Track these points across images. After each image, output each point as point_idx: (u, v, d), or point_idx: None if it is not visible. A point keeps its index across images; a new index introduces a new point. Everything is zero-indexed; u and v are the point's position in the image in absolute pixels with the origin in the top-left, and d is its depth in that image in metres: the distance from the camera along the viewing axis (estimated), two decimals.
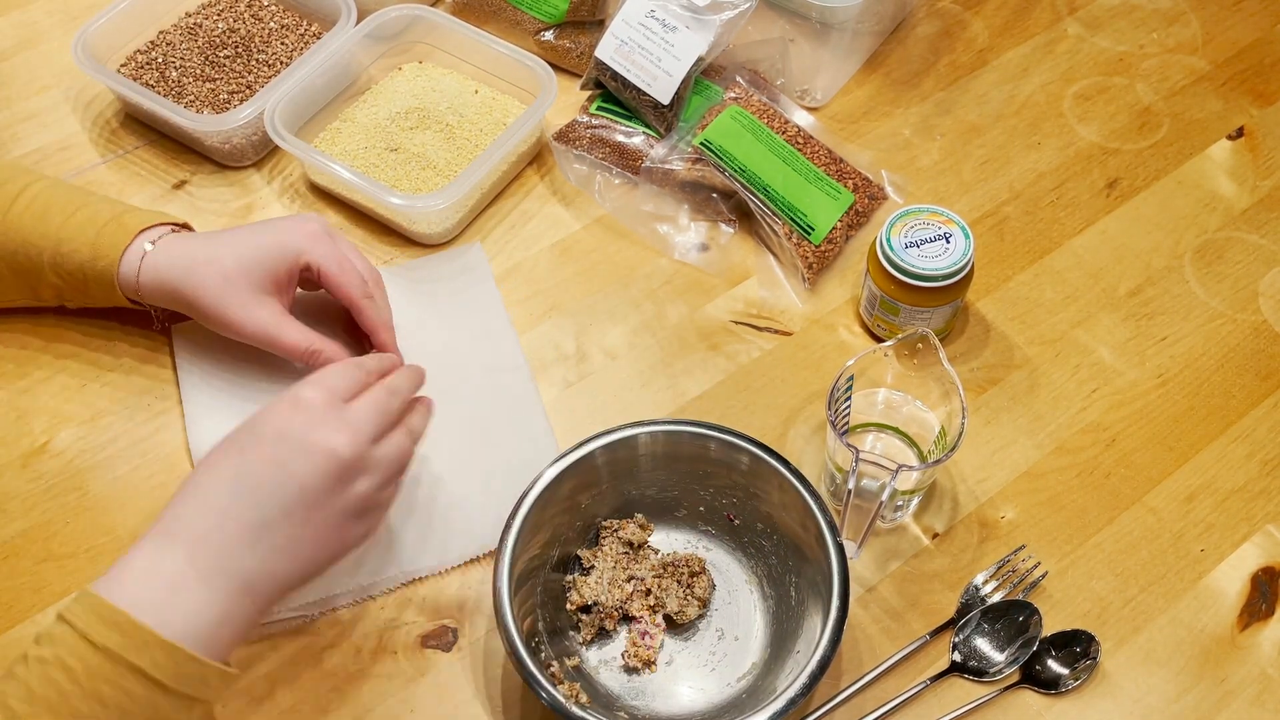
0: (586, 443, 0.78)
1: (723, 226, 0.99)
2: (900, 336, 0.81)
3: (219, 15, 1.08)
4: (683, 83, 0.98)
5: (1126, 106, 1.09)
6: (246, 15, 1.08)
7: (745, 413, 0.90)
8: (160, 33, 1.07)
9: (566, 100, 1.07)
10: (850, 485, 0.77)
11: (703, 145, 0.97)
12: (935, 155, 1.05)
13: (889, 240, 0.87)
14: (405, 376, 0.76)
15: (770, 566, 0.81)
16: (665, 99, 0.98)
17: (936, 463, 0.77)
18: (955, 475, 0.87)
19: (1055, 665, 0.78)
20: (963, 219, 0.88)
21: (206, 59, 1.05)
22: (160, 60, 1.05)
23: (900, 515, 0.84)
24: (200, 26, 1.07)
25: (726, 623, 0.80)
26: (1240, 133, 1.07)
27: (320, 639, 0.79)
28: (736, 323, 0.95)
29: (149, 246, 0.83)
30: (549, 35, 1.08)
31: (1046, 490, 0.86)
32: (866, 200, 0.99)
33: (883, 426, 0.86)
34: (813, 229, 0.96)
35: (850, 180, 0.99)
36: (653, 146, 0.99)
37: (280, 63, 1.05)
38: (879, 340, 0.93)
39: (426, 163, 1.00)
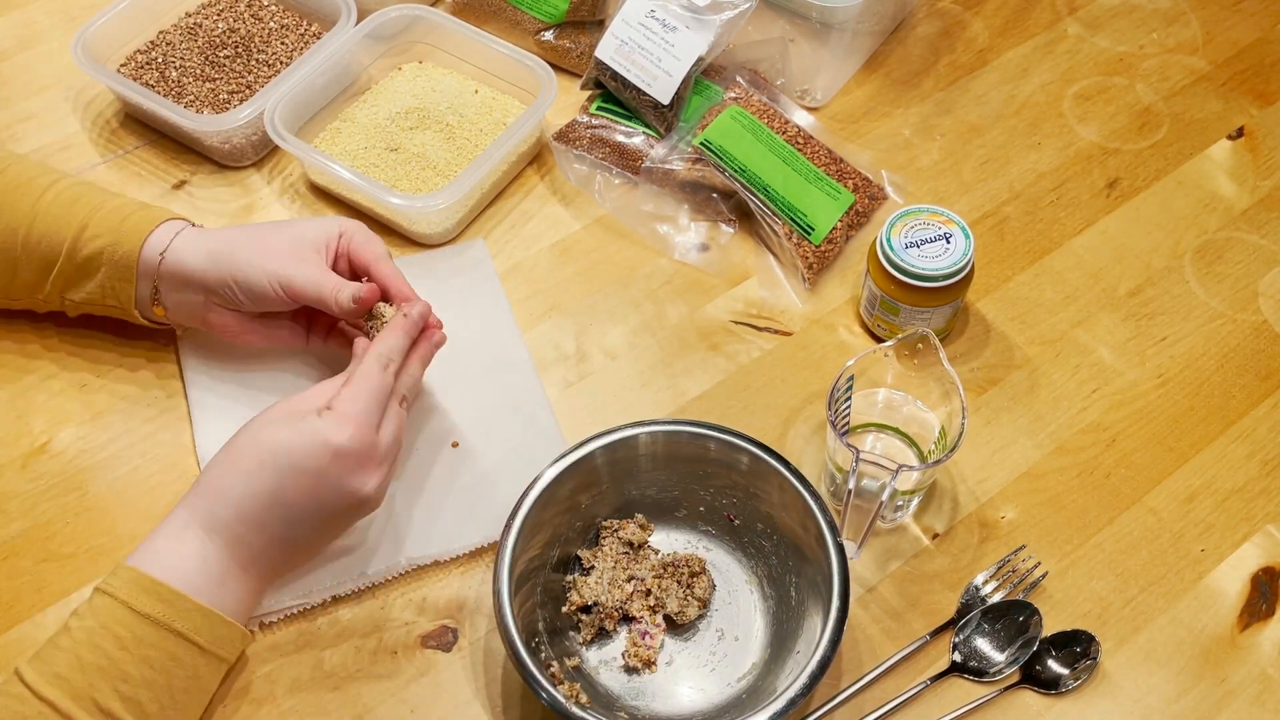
0: (586, 443, 0.78)
1: (723, 226, 0.99)
2: (900, 336, 0.81)
3: (219, 15, 1.08)
4: (683, 83, 0.98)
5: (1126, 106, 1.09)
6: (246, 15, 1.08)
7: (745, 413, 0.90)
8: (160, 33, 1.07)
9: (566, 100, 1.07)
10: (850, 485, 0.77)
11: (703, 145, 0.97)
12: (935, 155, 1.05)
13: (889, 240, 0.87)
14: (416, 375, 0.80)
15: (770, 566, 0.81)
16: (665, 99, 0.98)
17: (936, 463, 0.77)
18: (955, 475, 0.87)
19: (1055, 665, 0.78)
20: (963, 219, 0.88)
21: (206, 59, 1.05)
22: (160, 60, 1.05)
23: (900, 515, 0.84)
24: (200, 26, 1.07)
25: (726, 623, 0.80)
26: (1240, 133, 1.07)
27: (320, 639, 0.79)
28: (736, 323, 0.95)
29: (178, 233, 0.83)
30: (549, 35, 1.08)
31: (1046, 490, 0.86)
32: (866, 200, 0.99)
33: (883, 426, 0.86)
34: (813, 229, 0.96)
35: (850, 180, 0.99)
36: (653, 146, 0.99)
37: (280, 63, 1.05)
38: (879, 340, 0.93)
39: (426, 163, 1.00)
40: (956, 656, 0.79)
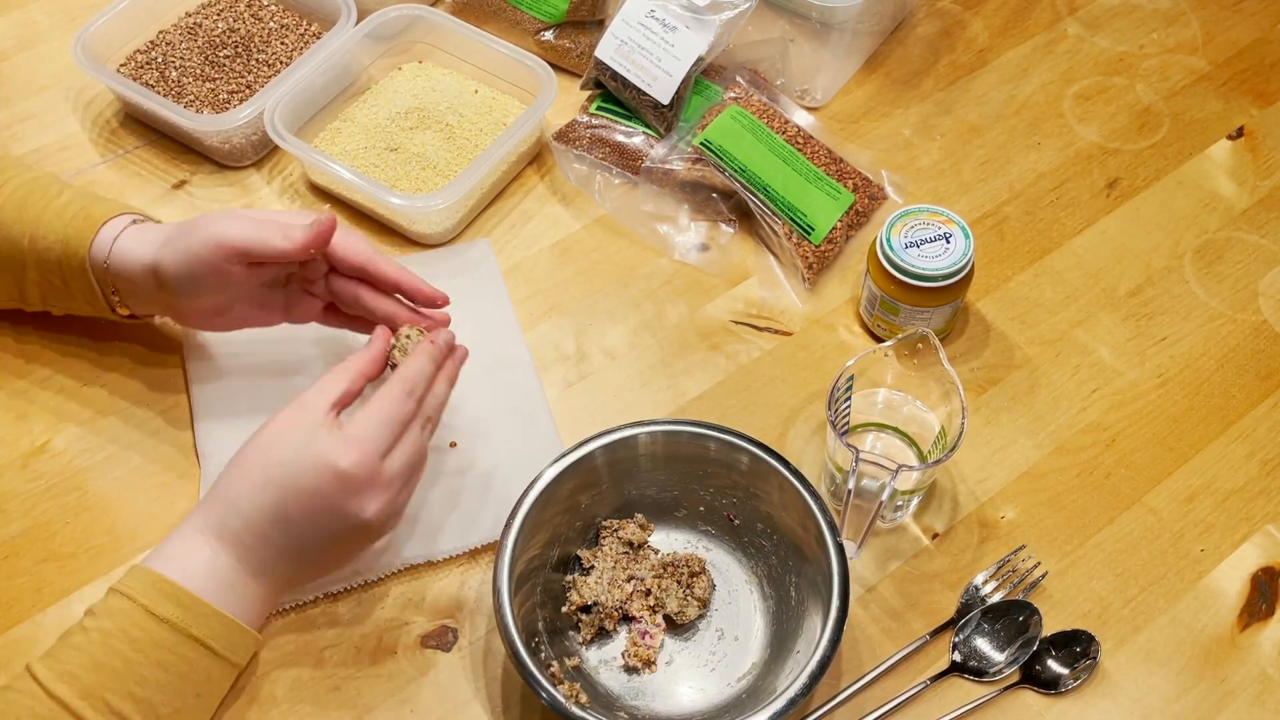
0: (586, 443, 0.78)
1: (723, 226, 0.99)
2: (900, 336, 0.81)
3: (219, 15, 1.08)
4: (683, 83, 0.98)
5: (1126, 106, 1.09)
6: (246, 15, 1.08)
7: (745, 413, 0.90)
8: (160, 33, 1.07)
9: (566, 100, 1.07)
10: (850, 485, 0.77)
11: (703, 145, 0.97)
12: (935, 155, 1.05)
13: (889, 240, 0.87)
14: (442, 396, 0.77)
15: (770, 566, 0.81)
16: (665, 99, 0.98)
17: (936, 463, 0.77)
18: (955, 475, 0.87)
19: (1055, 665, 0.78)
20: (963, 219, 0.88)
21: (206, 59, 1.05)
22: (160, 60, 1.05)
23: (900, 515, 0.84)
24: (200, 26, 1.07)
25: (726, 623, 0.80)
26: (1240, 133, 1.07)
27: (320, 639, 0.79)
28: (736, 323, 0.95)
29: (121, 229, 0.81)
30: (549, 35, 1.08)
31: (1046, 490, 0.86)
32: (866, 200, 0.99)
33: (883, 426, 0.86)
34: (813, 229, 0.96)
35: (850, 180, 0.99)
36: (653, 146, 0.99)
37: (280, 63, 1.05)
38: (879, 340, 0.93)
39: (426, 163, 1.00)
40: (956, 656, 0.79)
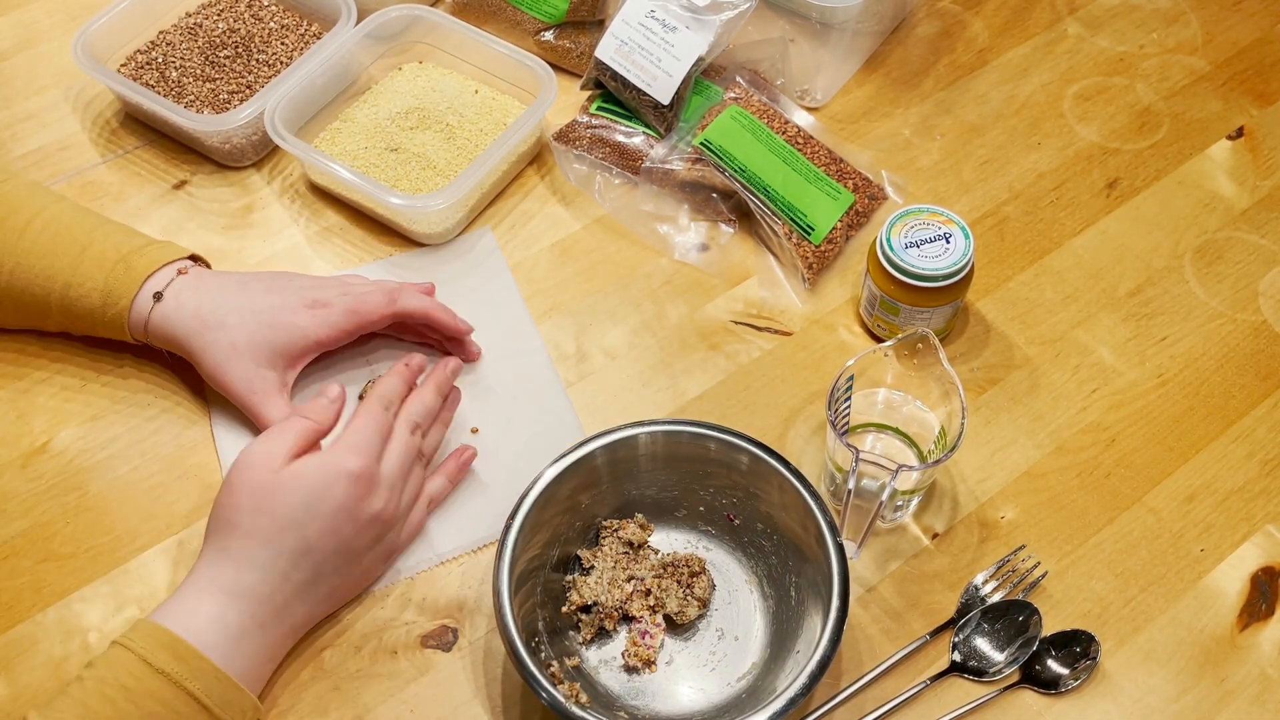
0: (586, 443, 0.78)
1: (723, 226, 0.99)
2: (900, 336, 0.81)
3: (219, 15, 1.08)
4: (683, 83, 0.98)
5: (1126, 106, 1.09)
6: (246, 15, 1.08)
7: (745, 413, 0.90)
8: (160, 33, 1.07)
9: (566, 100, 1.07)
10: (850, 485, 0.77)
11: (703, 145, 0.97)
12: (935, 155, 1.05)
13: (889, 240, 0.87)
14: (432, 421, 0.83)
15: (770, 566, 0.81)
16: (665, 99, 0.98)
17: (936, 463, 0.77)
18: (955, 475, 0.87)
19: (1055, 665, 0.78)
20: (963, 219, 0.88)
21: (206, 59, 1.05)
22: (160, 60, 1.05)
23: (900, 515, 0.84)
24: (200, 26, 1.07)
25: (726, 623, 0.80)
26: (1240, 133, 1.07)
27: (320, 639, 0.79)
28: (736, 323, 0.95)
29: (159, 295, 0.84)
30: (549, 35, 1.08)
31: (1046, 490, 0.86)
32: (866, 200, 0.99)
33: (883, 426, 0.86)
34: (813, 229, 0.96)
35: (850, 180, 0.99)
36: (653, 146, 0.99)
37: (280, 63, 1.05)
38: (879, 340, 0.93)
39: (426, 163, 1.00)
40: (956, 656, 0.79)
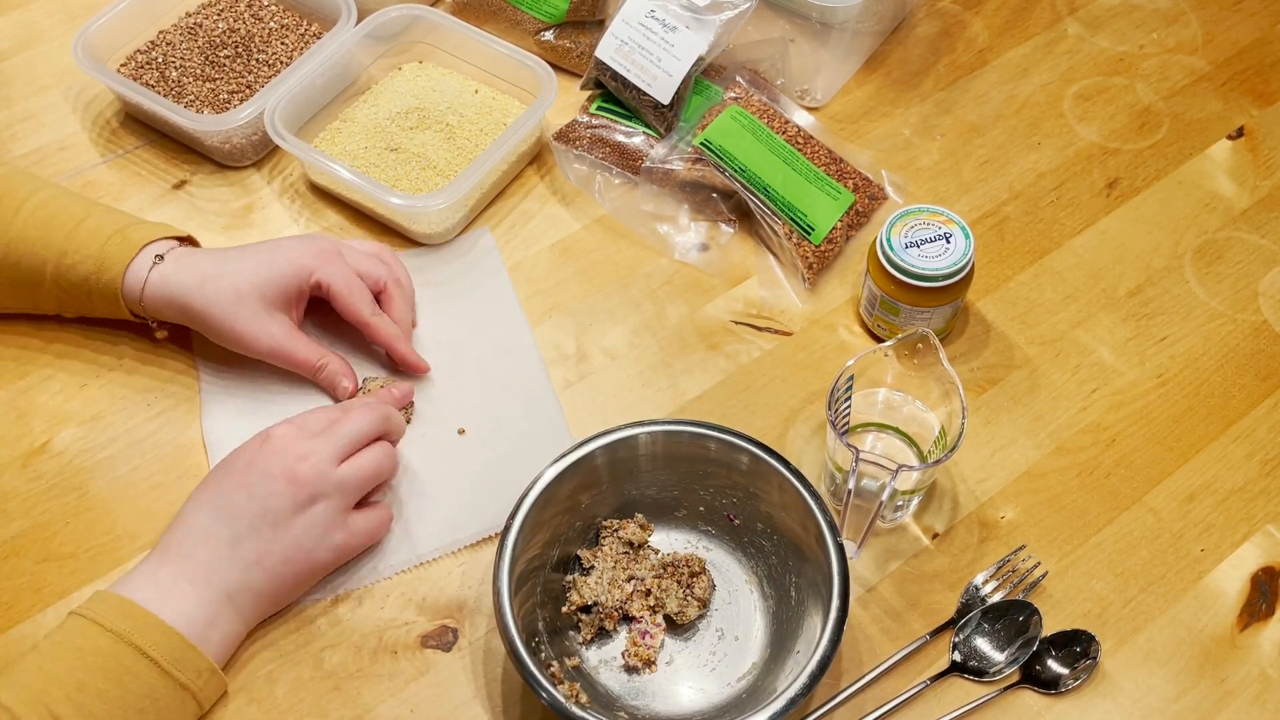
0: (586, 443, 0.78)
1: (723, 226, 0.99)
2: (900, 336, 0.81)
3: (219, 15, 1.08)
4: (683, 83, 0.98)
5: (1126, 106, 1.09)
6: (246, 15, 1.08)
7: (745, 413, 0.90)
8: (160, 33, 1.07)
9: (566, 100, 1.07)
10: (850, 485, 0.77)
11: (703, 145, 0.97)
12: (935, 155, 1.05)
13: (889, 240, 0.87)
14: (373, 408, 0.81)
15: (770, 566, 0.81)
16: (665, 99, 0.98)
17: (936, 463, 0.77)
18: (955, 475, 0.87)
19: (1055, 665, 0.78)
20: (963, 219, 0.88)
21: (206, 59, 1.05)
22: (160, 60, 1.05)
23: (900, 515, 0.84)
24: (200, 26, 1.07)
25: (726, 623, 0.80)
26: (1240, 133, 1.07)
27: (320, 639, 0.79)
28: (736, 323, 0.95)
29: (156, 260, 0.84)
30: (549, 35, 1.08)
31: (1046, 490, 0.86)
32: (866, 200, 0.99)
33: (883, 426, 0.86)
34: (813, 229, 0.96)
35: (850, 180, 0.99)
36: (653, 146, 0.99)
37: (280, 63, 1.05)
38: (879, 340, 0.93)
39: (426, 163, 1.00)
40: (956, 656, 0.79)
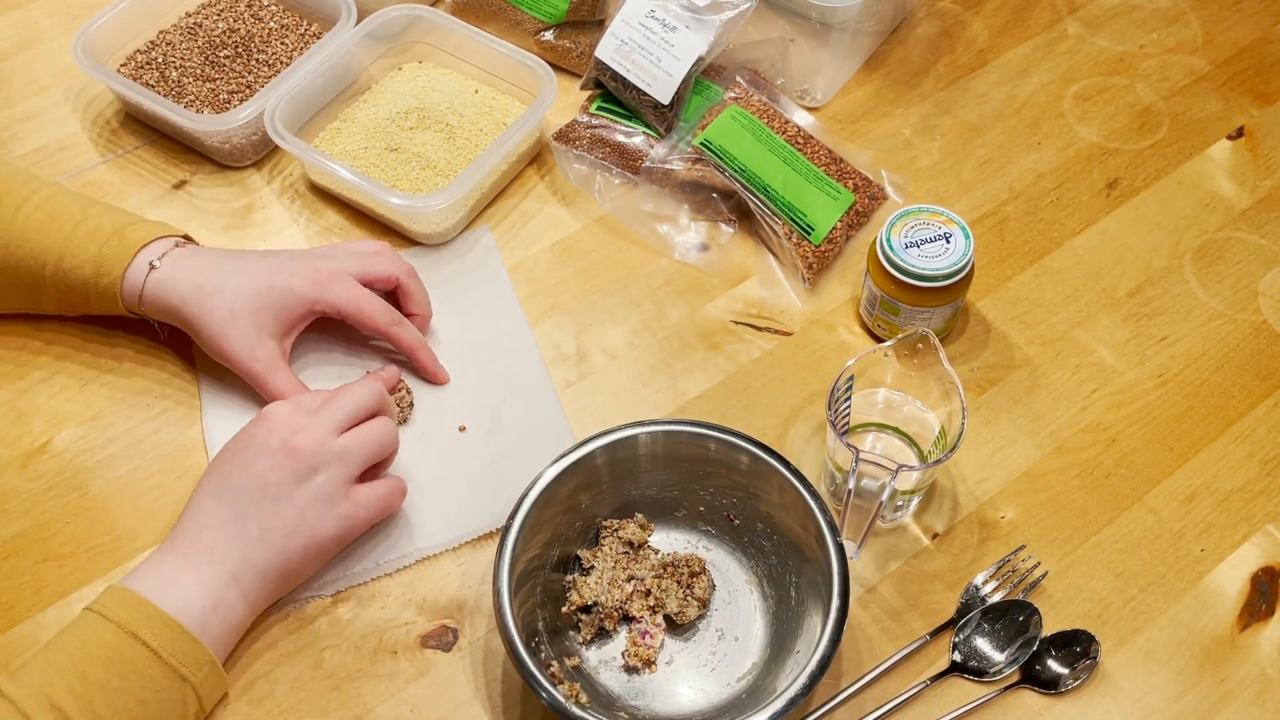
0: (586, 443, 0.78)
1: (723, 226, 0.99)
2: (900, 336, 0.81)
3: (219, 15, 1.08)
4: (683, 83, 0.98)
5: (1126, 106, 1.09)
6: (246, 15, 1.08)
7: (745, 413, 0.90)
8: (160, 33, 1.07)
9: (566, 100, 1.07)
10: (850, 485, 0.77)
11: (703, 145, 0.97)
12: (935, 155, 1.05)
13: (889, 240, 0.87)
14: (368, 384, 0.81)
15: (770, 566, 0.81)
16: (665, 99, 0.98)
17: (936, 463, 0.77)
18: (955, 475, 0.87)
19: (1055, 665, 0.78)
20: (963, 219, 0.88)
21: (206, 59, 1.05)
22: (160, 60, 1.05)
23: (900, 515, 0.84)
24: (200, 26, 1.07)
25: (726, 623, 0.80)
26: (1240, 133, 1.07)
27: (320, 639, 0.79)
28: (736, 323, 0.95)
29: (155, 264, 0.84)
30: (549, 35, 1.08)
31: (1046, 490, 0.86)
32: (866, 200, 0.99)
33: (883, 426, 0.86)
34: (813, 229, 0.96)
35: (850, 180, 0.99)
36: (653, 146, 0.99)
37: (280, 63, 1.05)
38: (879, 340, 0.93)
39: (426, 163, 1.00)
40: (956, 656, 0.79)
